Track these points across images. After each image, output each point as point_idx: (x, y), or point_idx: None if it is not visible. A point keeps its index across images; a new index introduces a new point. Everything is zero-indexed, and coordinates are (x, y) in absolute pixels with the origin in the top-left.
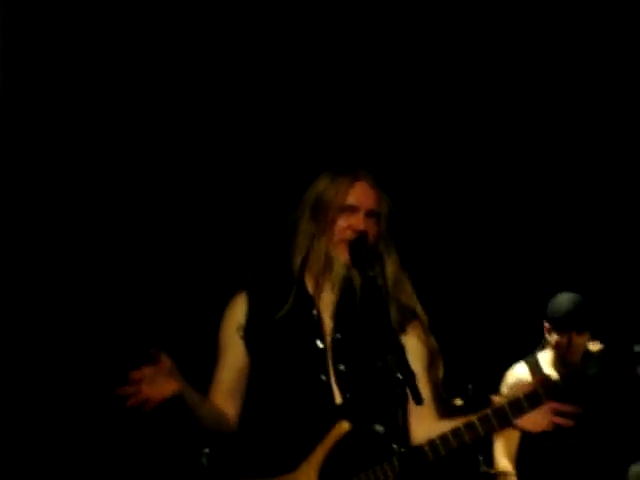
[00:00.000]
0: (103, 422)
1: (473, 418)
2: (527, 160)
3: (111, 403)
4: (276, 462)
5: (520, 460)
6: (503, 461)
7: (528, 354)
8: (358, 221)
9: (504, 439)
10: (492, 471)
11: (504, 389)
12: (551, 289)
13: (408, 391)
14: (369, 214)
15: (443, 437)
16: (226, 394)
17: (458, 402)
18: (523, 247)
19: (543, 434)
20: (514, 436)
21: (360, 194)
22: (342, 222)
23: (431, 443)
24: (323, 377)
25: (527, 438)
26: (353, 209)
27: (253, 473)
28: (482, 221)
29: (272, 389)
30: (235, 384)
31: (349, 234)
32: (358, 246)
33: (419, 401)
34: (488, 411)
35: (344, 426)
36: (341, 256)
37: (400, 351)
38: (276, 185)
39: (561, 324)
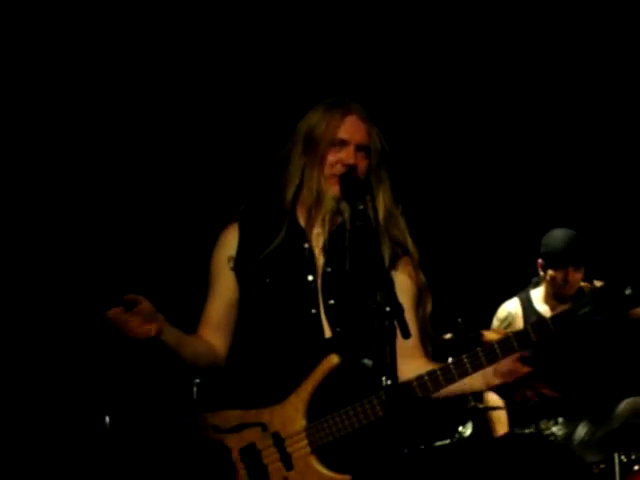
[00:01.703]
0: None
1: (462, 356)
2: (519, 93)
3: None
4: (265, 393)
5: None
6: (493, 395)
7: (521, 290)
8: (348, 155)
9: None
10: (481, 406)
11: (495, 323)
12: (544, 226)
13: (396, 325)
14: (359, 148)
15: (431, 373)
16: (215, 327)
17: (448, 336)
18: (517, 182)
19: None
20: None
21: (350, 128)
22: (332, 156)
23: (419, 379)
24: (313, 310)
25: None
26: (343, 143)
27: (243, 403)
28: (476, 157)
29: (262, 321)
30: (225, 317)
31: (339, 168)
32: (348, 180)
33: (406, 334)
34: (477, 349)
35: (333, 359)
36: (331, 190)
37: (389, 286)
38: (269, 117)
39: (558, 260)
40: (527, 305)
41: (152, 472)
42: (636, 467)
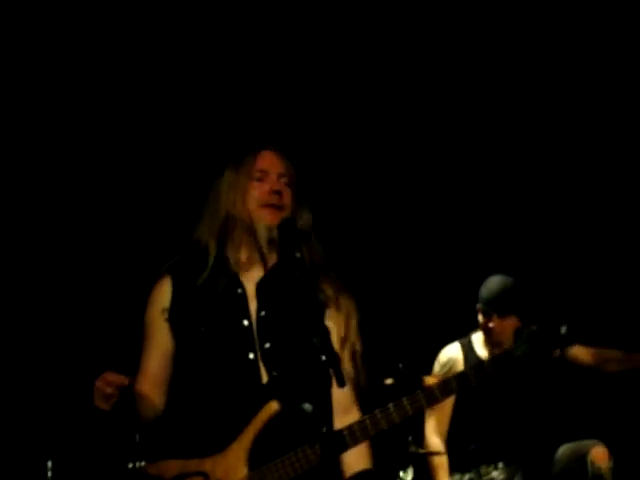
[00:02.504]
0: None
1: (402, 399)
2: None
3: None
4: (206, 442)
5: (450, 439)
6: (434, 440)
7: (462, 335)
8: (272, 182)
9: (435, 418)
10: (422, 451)
11: (436, 367)
12: (488, 271)
13: (332, 373)
14: (280, 176)
15: (361, 422)
16: (154, 383)
17: (389, 381)
18: (460, 227)
19: (473, 413)
20: (445, 415)
21: (268, 160)
22: (255, 190)
23: (350, 428)
24: (251, 355)
25: (457, 417)
26: (264, 173)
27: (183, 453)
28: (416, 199)
29: (200, 370)
30: (163, 371)
31: (265, 197)
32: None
33: (342, 383)
34: (417, 391)
35: (273, 406)
36: (263, 219)
37: (325, 333)
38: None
39: (483, 307)
40: (468, 349)
41: None
42: None
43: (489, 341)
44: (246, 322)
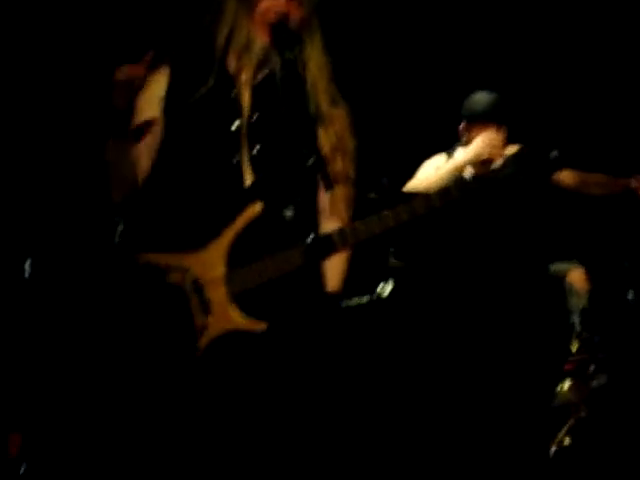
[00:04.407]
0: None
1: (385, 211)
2: None
3: None
4: (186, 239)
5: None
6: None
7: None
8: (280, 3)
9: None
10: (402, 264)
11: (418, 174)
12: (468, 91)
13: (319, 177)
14: None
15: (353, 227)
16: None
17: (372, 196)
18: (446, 47)
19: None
20: None
21: None
22: (265, 3)
23: (341, 232)
24: (236, 158)
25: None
26: None
27: (163, 248)
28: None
29: (184, 167)
30: (151, 139)
31: (271, 16)
32: (279, 29)
33: (328, 186)
34: (400, 205)
35: (256, 207)
36: (261, 37)
37: (313, 137)
38: None
39: (481, 116)
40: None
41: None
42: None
43: (476, 157)
44: (236, 124)
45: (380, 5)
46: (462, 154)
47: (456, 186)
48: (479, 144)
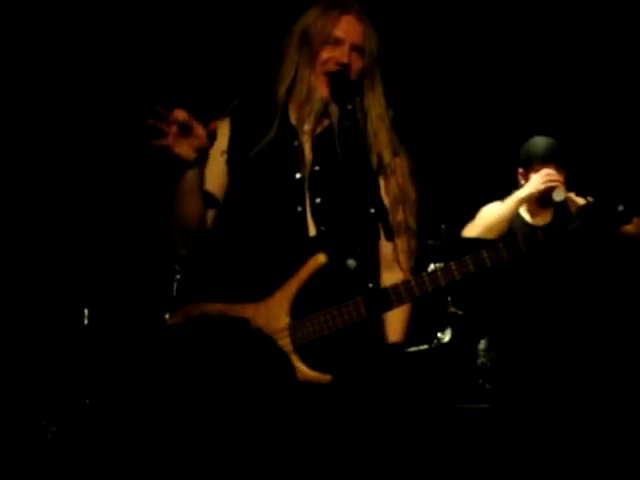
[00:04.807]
0: None
1: (450, 263)
2: None
3: None
4: (249, 289)
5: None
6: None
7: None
8: (342, 54)
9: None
10: (461, 312)
11: (476, 221)
12: (525, 137)
13: (380, 227)
14: (354, 48)
15: (407, 283)
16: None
17: (431, 242)
18: (501, 95)
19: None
20: None
21: (347, 27)
22: (326, 54)
23: (395, 288)
24: (299, 208)
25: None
26: (338, 41)
27: (226, 298)
28: (466, 71)
29: (248, 217)
30: (216, 192)
31: (332, 66)
32: (338, 79)
33: (389, 236)
34: (466, 257)
35: (320, 258)
36: (321, 88)
37: (375, 187)
38: (268, 11)
39: (539, 158)
40: None
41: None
42: None
43: (538, 200)
44: (298, 175)
45: (439, 54)
46: (522, 190)
47: (525, 240)
48: (537, 178)
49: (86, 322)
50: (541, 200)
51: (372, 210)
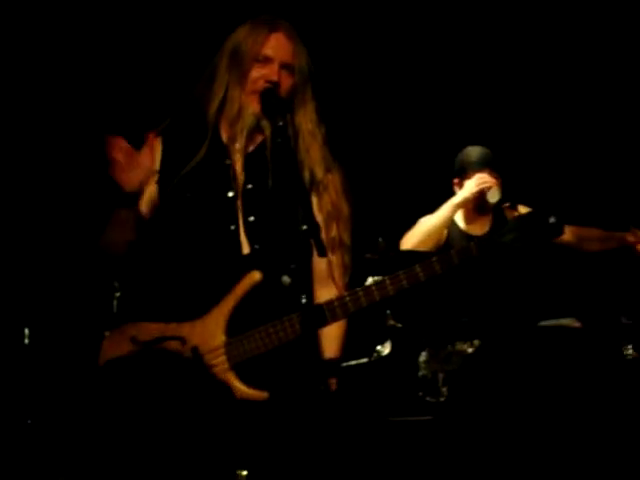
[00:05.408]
0: None
1: (385, 278)
2: None
3: None
4: (184, 308)
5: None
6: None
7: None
8: (271, 71)
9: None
10: (400, 325)
11: (413, 231)
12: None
13: (312, 243)
14: (283, 66)
15: (341, 299)
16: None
17: (369, 256)
18: (435, 106)
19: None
20: None
21: (276, 45)
22: (256, 72)
23: (330, 304)
24: (232, 227)
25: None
26: (267, 60)
27: (163, 317)
28: (405, 87)
29: (181, 236)
30: (147, 213)
31: (262, 84)
32: (269, 96)
33: (322, 252)
34: (400, 272)
35: (255, 276)
36: (252, 106)
37: (307, 204)
38: (198, 31)
39: (474, 165)
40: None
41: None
42: None
43: (475, 207)
44: (231, 193)
45: (371, 67)
46: (456, 195)
47: (457, 253)
48: (471, 182)
49: (27, 342)
50: (478, 207)
51: (304, 227)
